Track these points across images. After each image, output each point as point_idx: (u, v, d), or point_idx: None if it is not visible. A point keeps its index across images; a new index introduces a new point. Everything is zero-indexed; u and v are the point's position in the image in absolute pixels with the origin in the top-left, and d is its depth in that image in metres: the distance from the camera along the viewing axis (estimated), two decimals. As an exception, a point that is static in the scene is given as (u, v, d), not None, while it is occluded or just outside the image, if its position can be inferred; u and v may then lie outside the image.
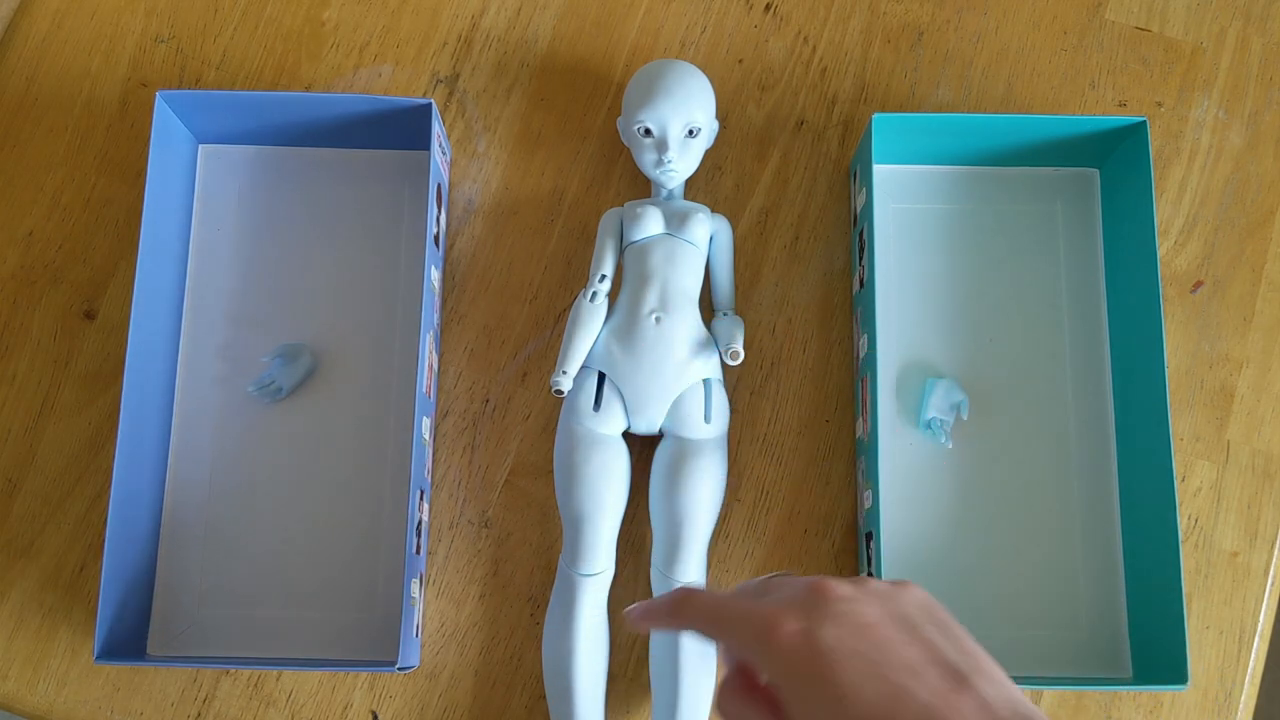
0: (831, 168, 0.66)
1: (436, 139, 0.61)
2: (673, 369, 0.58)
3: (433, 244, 0.60)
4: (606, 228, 0.61)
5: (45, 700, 0.60)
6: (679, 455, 0.58)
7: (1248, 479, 0.63)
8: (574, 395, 0.59)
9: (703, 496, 0.58)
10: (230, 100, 0.61)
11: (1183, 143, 0.67)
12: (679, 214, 0.60)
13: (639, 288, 0.59)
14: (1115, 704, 0.60)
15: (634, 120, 0.60)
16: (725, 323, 0.61)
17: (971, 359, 0.63)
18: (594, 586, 0.58)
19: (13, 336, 0.65)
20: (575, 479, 0.58)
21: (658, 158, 0.60)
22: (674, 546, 0.57)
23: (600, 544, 0.58)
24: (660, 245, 0.60)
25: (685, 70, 0.61)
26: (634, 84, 0.61)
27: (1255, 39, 0.68)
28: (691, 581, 0.57)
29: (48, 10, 0.69)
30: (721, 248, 0.62)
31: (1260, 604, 0.61)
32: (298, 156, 0.66)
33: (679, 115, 0.59)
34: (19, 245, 0.66)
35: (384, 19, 0.69)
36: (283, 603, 0.60)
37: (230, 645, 0.60)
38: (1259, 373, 0.64)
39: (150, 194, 0.59)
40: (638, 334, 0.58)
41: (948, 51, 0.68)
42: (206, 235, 0.65)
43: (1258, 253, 0.65)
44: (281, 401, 0.62)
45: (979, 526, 0.61)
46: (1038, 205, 0.65)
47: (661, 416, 0.59)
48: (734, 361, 0.58)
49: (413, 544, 0.56)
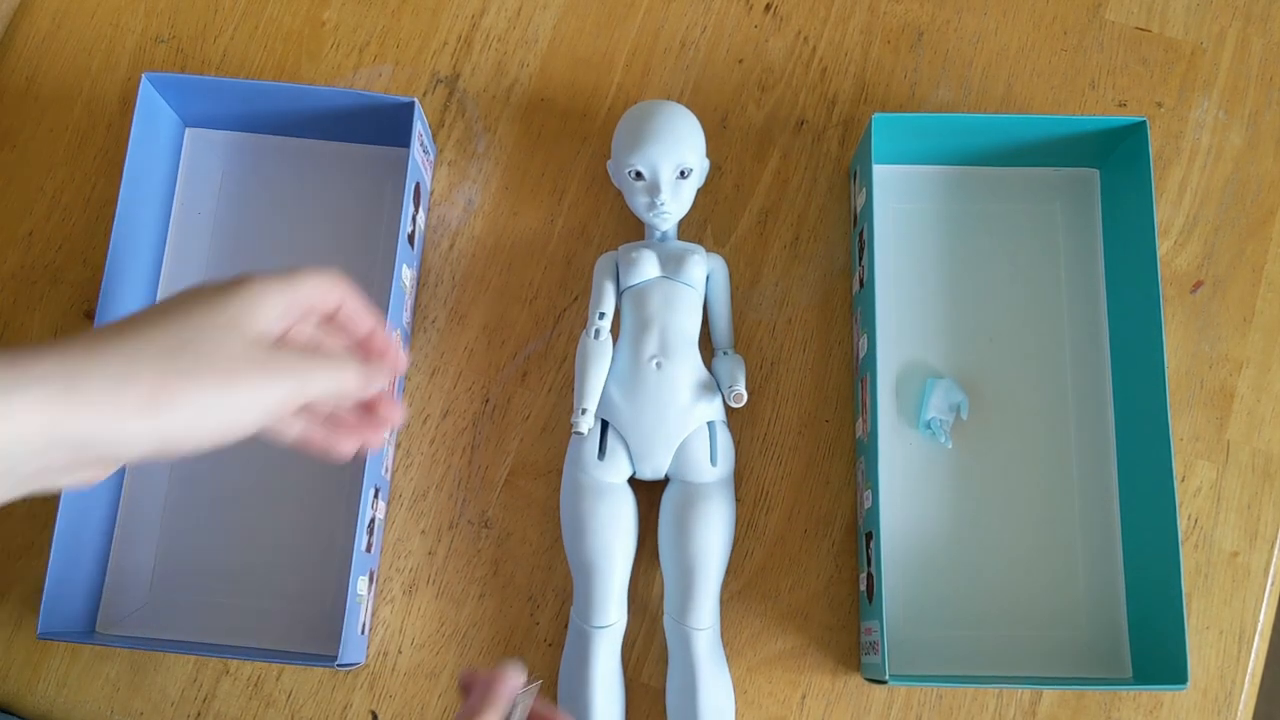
0: (831, 168, 0.66)
1: (418, 138, 0.60)
2: (677, 414, 0.57)
3: (406, 243, 0.60)
4: (602, 272, 0.61)
5: (45, 700, 0.60)
6: (687, 500, 0.58)
7: (1248, 479, 0.63)
8: (577, 444, 0.58)
9: (713, 541, 0.57)
10: (214, 86, 0.62)
11: (1183, 143, 0.67)
12: (675, 256, 0.60)
13: (638, 333, 0.58)
14: (1115, 704, 0.60)
15: (624, 164, 0.59)
16: (726, 363, 0.60)
17: (971, 359, 0.63)
18: (608, 638, 0.57)
19: (13, 336, 0.65)
20: (583, 530, 0.57)
21: (650, 200, 0.59)
22: (687, 594, 0.57)
23: (612, 595, 0.57)
24: (657, 289, 0.59)
25: (674, 111, 0.60)
26: (623, 127, 0.60)
27: (1255, 39, 0.68)
28: (706, 628, 0.57)
29: (48, 10, 0.69)
30: (718, 287, 0.62)
31: (1260, 604, 0.61)
32: (284, 145, 0.66)
33: (670, 157, 0.58)
34: (19, 245, 0.66)
35: (384, 19, 0.69)
36: (237, 591, 0.60)
37: (180, 630, 0.60)
38: (1259, 373, 0.64)
39: (129, 171, 0.59)
40: (640, 380, 0.58)
41: (948, 52, 0.68)
42: (186, 217, 0.65)
43: (1258, 253, 0.65)
44: None
45: (979, 526, 0.61)
46: (1038, 205, 0.65)
47: (667, 462, 0.58)
48: (738, 404, 0.58)
49: (363, 541, 0.56)
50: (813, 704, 0.60)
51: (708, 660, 0.57)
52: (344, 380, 0.43)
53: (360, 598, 0.57)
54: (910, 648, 0.59)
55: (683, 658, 0.57)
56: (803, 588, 0.61)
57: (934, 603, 0.60)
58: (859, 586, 0.61)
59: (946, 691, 0.60)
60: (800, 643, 0.60)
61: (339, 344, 0.46)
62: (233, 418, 0.40)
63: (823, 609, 0.61)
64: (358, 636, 0.57)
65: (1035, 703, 0.60)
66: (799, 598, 0.61)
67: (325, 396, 0.44)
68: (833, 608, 0.61)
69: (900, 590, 0.60)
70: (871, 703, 0.60)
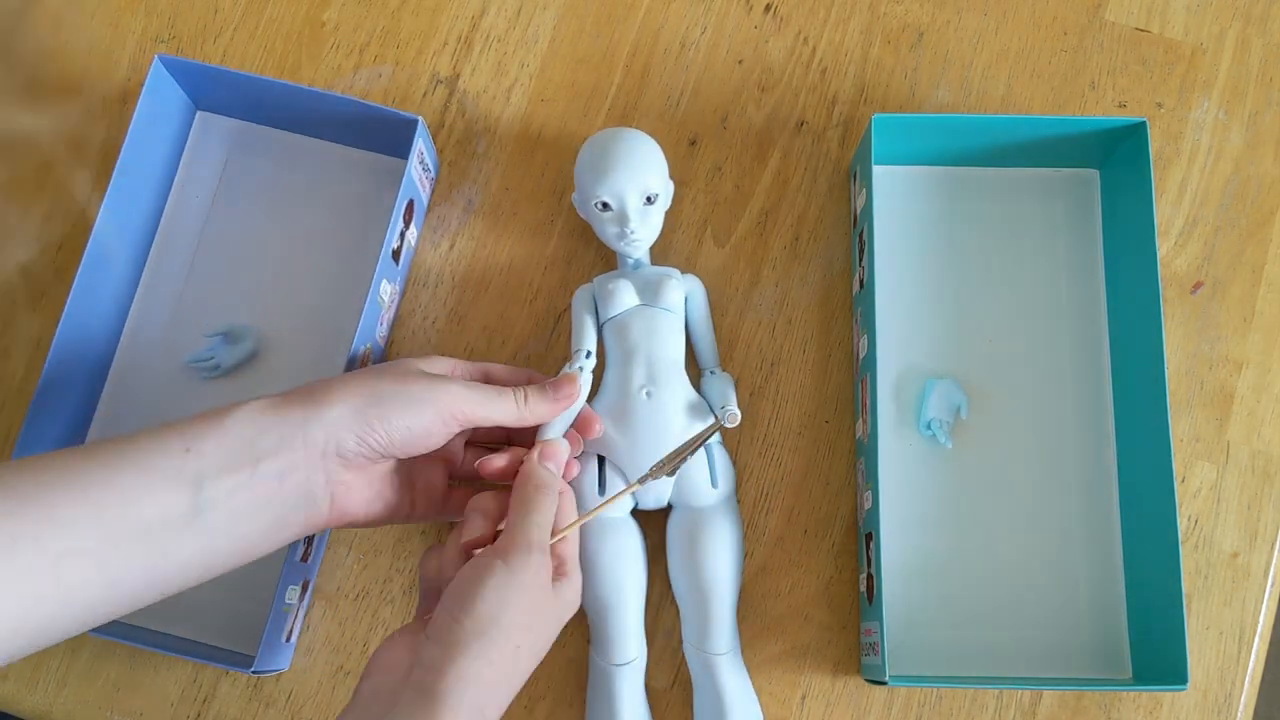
0: (831, 168, 0.66)
1: (418, 154, 0.60)
2: (672, 442, 0.56)
3: (390, 258, 0.59)
4: (581, 305, 0.60)
5: (45, 700, 0.60)
6: (693, 526, 0.57)
7: (1248, 479, 0.63)
8: (576, 482, 0.58)
9: (724, 564, 0.57)
10: (223, 75, 0.62)
11: (1183, 143, 0.67)
12: (651, 283, 0.59)
13: (624, 364, 0.58)
14: (1115, 704, 0.60)
15: (590, 196, 0.58)
16: (715, 383, 0.60)
17: (971, 359, 0.63)
18: (630, 675, 0.56)
19: (13, 336, 0.65)
20: (592, 568, 0.56)
21: (620, 230, 0.58)
22: (705, 620, 0.56)
23: (629, 631, 0.56)
24: (638, 318, 0.59)
25: (633, 138, 0.59)
26: (584, 160, 0.59)
27: (1255, 39, 0.68)
28: (725, 653, 0.56)
29: (48, 10, 0.69)
30: (697, 308, 0.61)
31: (1260, 605, 0.61)
32: (291, 141, 0.66)
33: (635, 185, 0.58)
34: (19, 245, 0.65)
35: (384, 19, 0.69)
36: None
37: (134, 617, 0.60)
38: (1259, 373, 0.64)
39: (130, 144, 0.60)
40: (631, 412, 0.57)
41: (947, 52, 0.68)
42: (184, 198, 0.66)
43: (1258, 253, 0.65)
44: (218, 379, 0.63)
45: (979, 527, 0.61)
46: (1038, 205, 0.65)
47: (668, 490, 0.58)
48: (732, 424, 0.57)
49: (298, 550, 0.56)
50: (813, 705, 0.60)
51: (733, 684, 0.56)
52: (503, 407, 0.53)
53: (288, 606, 0.57)
54: (910, 648, 0.59)
55: (707, 684, 0.56)
56: (803, 588, 0.61)
57: (934, 603, 0.60)
58: (859, 587, 0.61)
59: (946, 692, 0.60)
60: (800, 643, 0.60)
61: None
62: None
63: (823, 610, 0.61)
64: (282, 644, 0.57)
65: (1035, 703, 0.60)
66: (799, 598, 0.61)
67: (485, 418, 0.52)
68: (833, 608, 0.61)
69: (900, 591, 0.60)
70: (871, 703, 0.60)
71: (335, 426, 0.48)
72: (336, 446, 0.48)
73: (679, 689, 0.60)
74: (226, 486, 0.45)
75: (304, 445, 0.48)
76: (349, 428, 0.48)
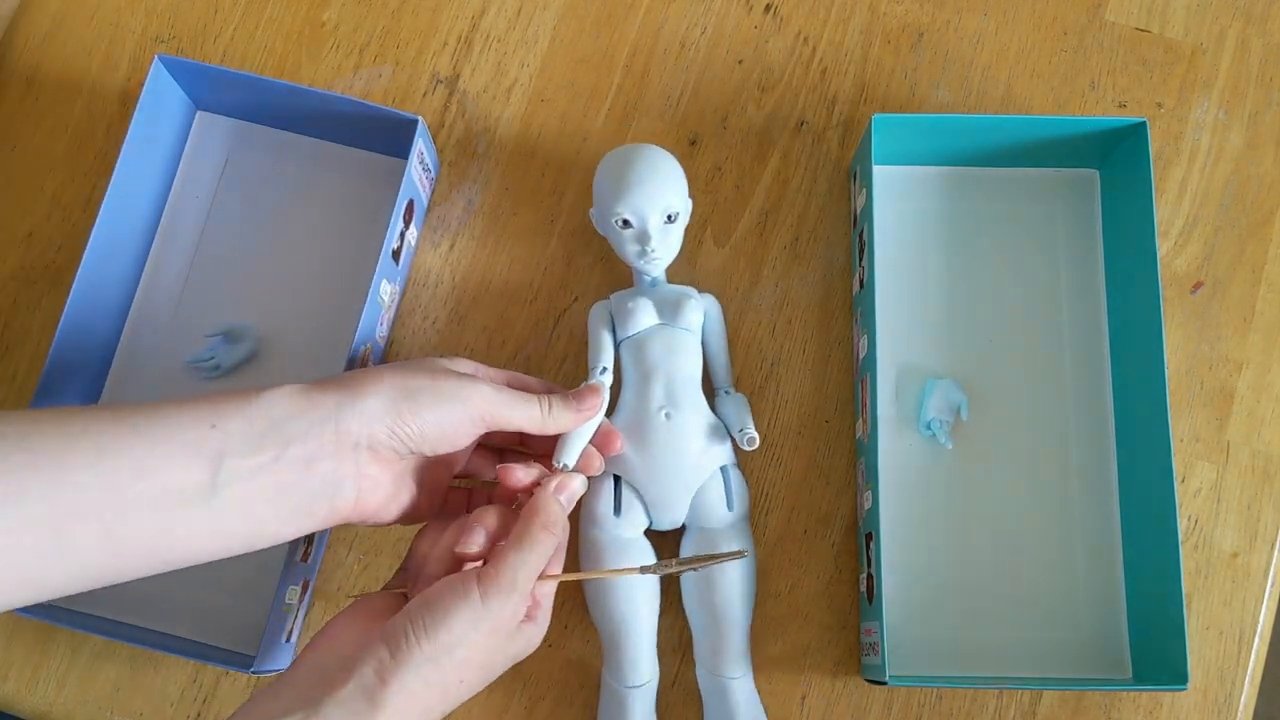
0: (831, 168, 0.66)
1: (418, 155, 0.60)
2: (690, 463, 0.56)
3: (390, 258, 0.59)
4: (598, 321, 0.59)
5: (45, 700, 0.60)
6: (707, 548, 0.57)
7: (1248, 480, 0.63)
8: (592, 501, 0.57)
9: (737, 586, 0.56)
10: (223, 75, 0.62)
11: (1183, 144, 0.67)
12: (670, 302, 0.59)
13: (643, 384, 0.57)
14: (1115, 704, 0.60)
15: (610, 213, 0.57)
16: (731, 404, 0.59)
17: (971, 359, 0.63)
18: (642, 697, 0.56)
19: (13, 336, 0.65)
20: (607, 592, 0.56)
21: (640, 249, 0.57)
22: (718, 642, 0.56)
23: (642, 653, 0.56)
24: (657, 337, 0.58)
25: (656, 155, 0.58)
26: (604, 175, 0.58)
27: (1255, 39, 0.68)
28: (740, 675, 0.56)
29: (48, 10, 0.69)
30: (714, 327, 0.61)
31: (1260, 604, 0.61)
32: (292, 141, 0.66)
33: (656, 204, 0.57)
34: (19, 245, 0.66)
35: (384, 19, 0.69)
36: (180, 582, 0.59)
37: (121, 612, 0.60)
38: (1259, 373, 0.64)
39: (129, 144, 0.60)
40: (649, 432, 0.56)
41: (947, 52, 0.68)
42: (184, 198, 0.66)
43: (1258, 253, 0.65)
44: (218, 379, 0.63)
45: (979, 527, 0.61)
46: (1038, 205, 0.65)
47: (684, 512, 0.57)
48: (750, 447, 0.57)
49: (298, 550, 0.56)
50: (813, 705, 0.60)
51: (746, 709, 0.56)
52: (528, 412, 0.53)
53: (287, 606, 0.57)
54: (910, 648, 0.59)
55: (719, 709, 0.56)
56: (803, 588, 0.61)
57: (934, 603, 0.60)
58: (859, 587, 0.61)
59: (946, 692, 0.60)
60: (800, 643, 0.60)
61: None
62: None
63: (823, 609, 0.61)
64: (282, 644, 0.57)
65: (1035, 703, 0.60)
66: (799, 598, 0.61)
67: (510, 422, 0.52)
68: (833, 608, 0.61)
69: (900, 591, 0.60)
70: (871, 703, 0.60)
71: (369, 417, 0.48)
72: (369, 438, 0.48)
73: (690, 709, 0.60)
74: (249, 466, 0.45)
75: (335, 434, 0.47)
76: (382, 419, 0.48)
